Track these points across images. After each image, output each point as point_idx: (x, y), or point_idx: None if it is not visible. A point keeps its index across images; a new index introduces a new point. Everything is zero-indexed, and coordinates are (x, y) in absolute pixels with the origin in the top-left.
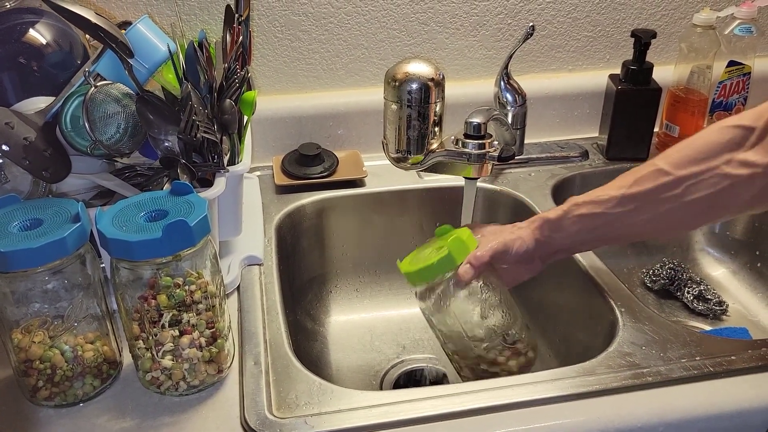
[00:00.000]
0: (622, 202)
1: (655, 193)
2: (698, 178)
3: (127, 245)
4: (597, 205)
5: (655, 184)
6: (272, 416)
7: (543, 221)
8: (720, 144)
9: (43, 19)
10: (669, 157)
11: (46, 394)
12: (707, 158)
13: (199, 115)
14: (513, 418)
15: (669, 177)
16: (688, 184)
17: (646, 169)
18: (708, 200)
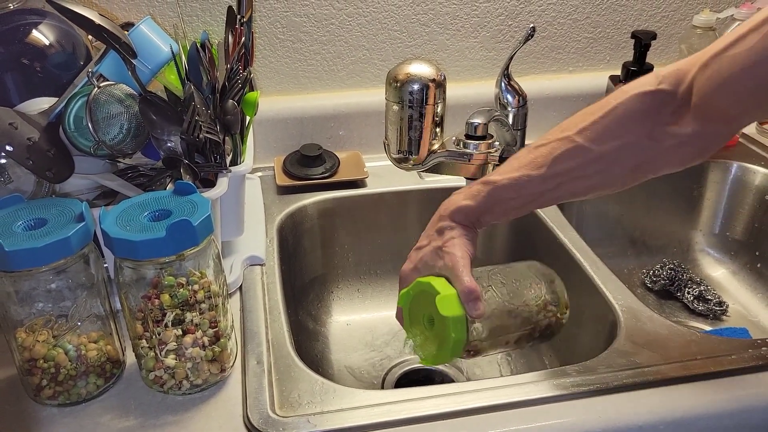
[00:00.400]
0: (545, 181)
1: (579, 170)
2: (622, 151)
3: (130, 245)
4: (520, 188)
5: (577, 163)
6: (275, 415)
7: (468, 213)
8: (641, 113)
9: (46, 20)
10: (587, 131)
11: (50, 393)
12: (629, 130)
13: (201, 115)
14: (514, 416)
15: (591, 154)
16: (612, 158)
17: (564, 145)
18: (635, 167)
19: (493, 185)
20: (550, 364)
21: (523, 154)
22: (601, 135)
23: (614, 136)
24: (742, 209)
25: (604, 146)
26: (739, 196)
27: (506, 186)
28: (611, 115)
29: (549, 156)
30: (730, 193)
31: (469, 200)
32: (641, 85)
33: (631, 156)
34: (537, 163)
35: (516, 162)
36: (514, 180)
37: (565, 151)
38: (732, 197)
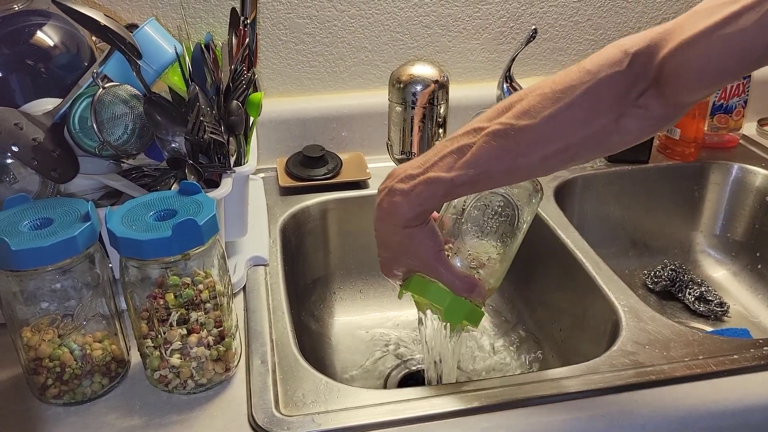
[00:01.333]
0: (505, 177)
1: (542, 165)
2: (589, 141)
3: (136, 244)
4: (478, 185)
5: (542, 156)
6: (280, 414)
7: (439, 189)
8: (610, 99)
9: (51, 21)
10: (555, 120)
11: (55, 392)
12: (597, 118)
13: (206, 116)
14: (518, 415)
15: (558, 144)
16: (580, 148)
17: (528, 137)
18: (597, 151)
19: (445, 184)
20: (553, 363)
21: (482, 142)
22: (571, 125)
23: (583, 124)
24: (742, 210)
25: (573, 138)
26: (740, 198)
27: (461, 185)
28: (579, 101)
29: (511, 151)
30: (730, 195)
31: (414, 207)
32: (609, 64)
33: (597, 144)
34: (497, 156)
35: (474, 153)
36: (469, 178)
37: (528, 142)
38: (732, 198)
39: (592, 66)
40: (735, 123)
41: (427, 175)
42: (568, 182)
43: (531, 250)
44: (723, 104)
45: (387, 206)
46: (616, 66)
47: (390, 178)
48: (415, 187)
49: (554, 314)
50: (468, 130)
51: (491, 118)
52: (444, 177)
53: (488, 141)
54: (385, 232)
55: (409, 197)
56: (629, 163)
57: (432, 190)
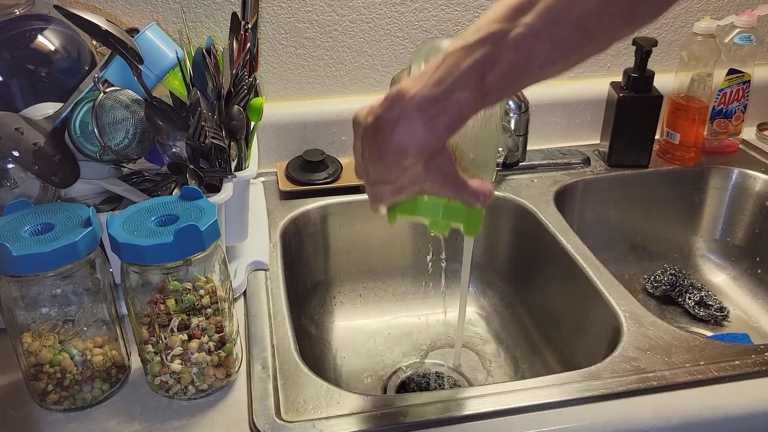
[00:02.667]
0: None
1: (577, 62)
2: (602, 38)
3: (138, 249)
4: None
5: (580, 60)
6: (281, 420)
7: (469, 109)
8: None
9: (52, 26)
10: (590, 25)
11: (56, 398)
12: (612, 19)
13: (207, 121)
14: (518, 422)
15: (584, 48)
16: (592, 47)
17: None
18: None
19: (477, 103)
20: (554, 368)
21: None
22: (591, 22)
23: (602, 19)
24: (742, 215)
25: (594, 39)
26: (740, 202)
27: (493, 101)
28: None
29: (545, 56)
30: (730, 199)
31: (442, 135)
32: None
33: (606, 41)
34: (528, 64)
35: (505, 65)
36: (501, 92)
37: (562, 42)
38: (732, 203)
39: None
40: (735, 128)
41: (454, 96)
42: (568, 187)
43: (531, 254)
44: (722, 109)
45: (406, 139)
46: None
47: (396, 102)
48: (442, 112)
49: (555, 319)
50: (483, 36)
51: (508, 19)
52: (475, 95)
53: (516, 48)
54: (397, 165)
55: (435, 125)
56: (629, 167)
57: (462, 113)
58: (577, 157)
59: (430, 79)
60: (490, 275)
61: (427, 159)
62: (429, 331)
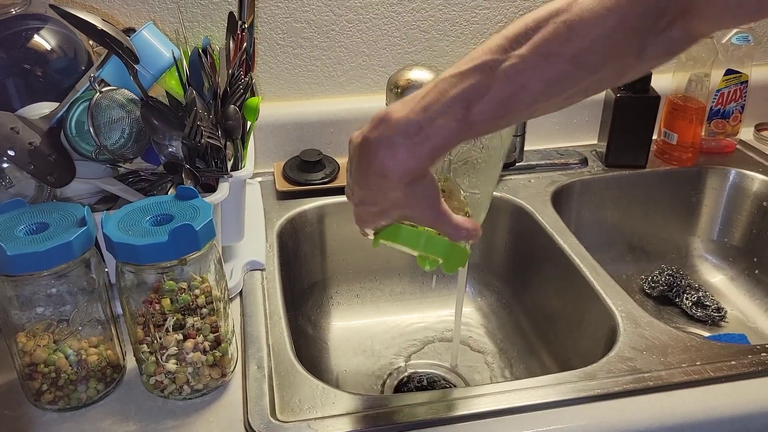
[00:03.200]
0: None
1: (562, 97)
2: (613, 73)
3: (132, 249)
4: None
5: (562, 89)
6: (276, 420)
7: (453, 137)
8: (637, 28)
9: (48, 25)
10: (579, 50)
11: (50, 397)
12: (620, 50)
13: (203, 120)
14: (514, 422)
15: (586, 90)
16: (601, 83)
17: (551, 69)
18: (621, 81)
19: (461, 132)
20: (550, 369)
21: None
22: (590, 58)
23: (607, 60)
24: (740, 215)
25: (596, 74)
26: (737, 203)
27: (478, 131)
28: (600, 30)
29: (535, 89)
30: (728, 200)
31: (423, 161)
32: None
33: (617, 76)
34: (518, 96)
35: (493, 95)
36: (488, 123)
37: (555, 82)
38: (730, 204)
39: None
40: (732, 128)
41: (438, 123)
42: (566, 187)
43: (528, 254)
44: (720, 110)
45: (387, 161)
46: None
47: (381, 124)
48: (425, 138)
49: (551, 319)
50: (475, 65)
51: (502, 50)
52: (459, 124)
53: (506, 80)
54: (379, 188)
55: (417, 151)
56: (627, 168)
57: (445, 140)
58: (574, 158)
59: (418, 104)
60: (487, 275)
61: (409, 183)
62: (426, 332)
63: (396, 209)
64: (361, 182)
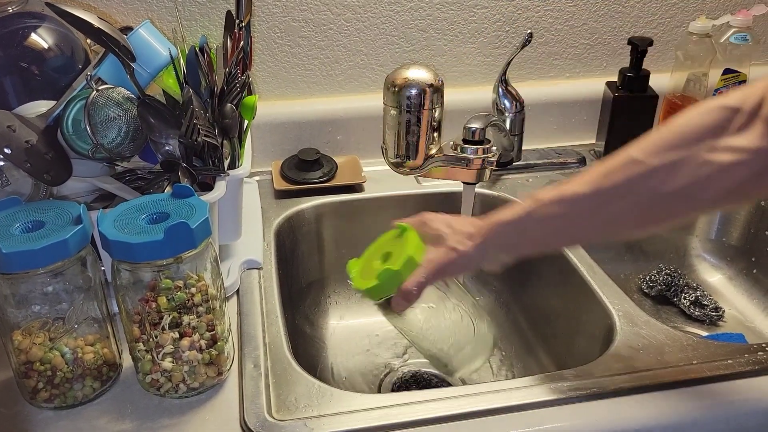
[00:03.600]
0: (592, 198)
1: (627, 186)
2: (675, 167)
3: (128, 247)
4: (564, 204)
5: (626, 176)
6: (272, 418)
7: (498, 226)
8: (702, 127)
9: (45, 24)
10: (644, 144)
11: (46, 395)
12: (687, 144)
13: (200, 119)
14: (511, 420)
15: (642, 167)
16: (663, 175)
17: (618, 159)
18: (686, 192)
19: (537, 199)
20: (547, 368)
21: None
22: (657, 147)
23: (669, 148)
24: (738, 215)
25: (657, 159)
26: None
27: (551, 201)
28: (671, 128)
29: (602, 168)
30: None
31: (507, 214)
32: (708, 101)
33: (684, 173)
34: (587, 177)
35: (570, 183)
36: (560, 192)
37: (618, 164)
38: None
39: (698, 104)
40: None
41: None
42: None
43: None
44: None
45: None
46: (713, 103)
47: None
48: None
49: (549, 318)
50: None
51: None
52: (540, 196)
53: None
54: (469, 225)
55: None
56: None
57: (518, 211)
58: (572, 157)
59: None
60: (485, 275)
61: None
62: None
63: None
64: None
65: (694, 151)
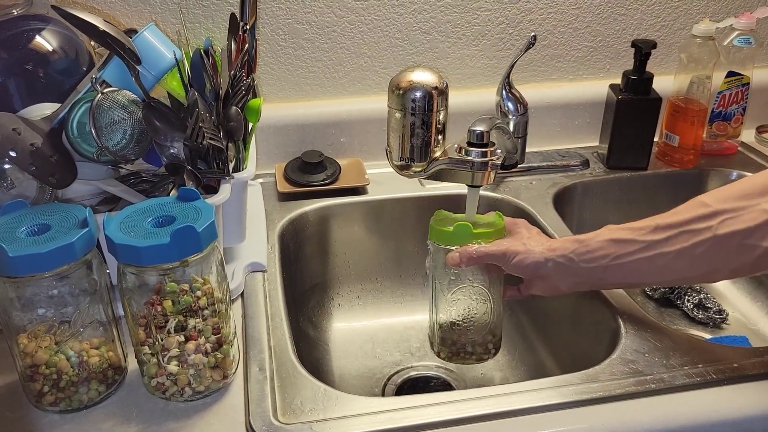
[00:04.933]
0: (656, 230)
1: (689, 223)
2: (737, 213)
3: (135, 250)
4: (630, 231)
5: (691, 215)
6: (277, 422)
7: (571, 240)
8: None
9: (50, 26)
10: (714, 193)
11: (52, 399)
12: (751, 195)
13: (205, 122)
14: (516, 425)
15: (708, 209)
16: (725, 217)
17: (689, 203)
18: (739, 237)
19: (607, 226)
20: (552, 371)
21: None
22: (726, 196)
23: (737, 197)
24: None
25: (723, 204)
26: None
27: (618, 228)
28: (744, 181)
29: (674, 209)
30: None
31: (584, 234)
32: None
33: (741, 221)
34: (658, 215)
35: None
36: (630, 223)
37: (688, 205)
38: None
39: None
40: (734, 130)
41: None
42: (567, 189)
43: None
44: (722, 111)
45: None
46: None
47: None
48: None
49: (553, 321)
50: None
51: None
52: (610, 226)
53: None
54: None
55: (532, 260)
56: (628, 169)
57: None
58: (575, 159)
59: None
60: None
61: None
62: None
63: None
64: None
65: (756, 201)
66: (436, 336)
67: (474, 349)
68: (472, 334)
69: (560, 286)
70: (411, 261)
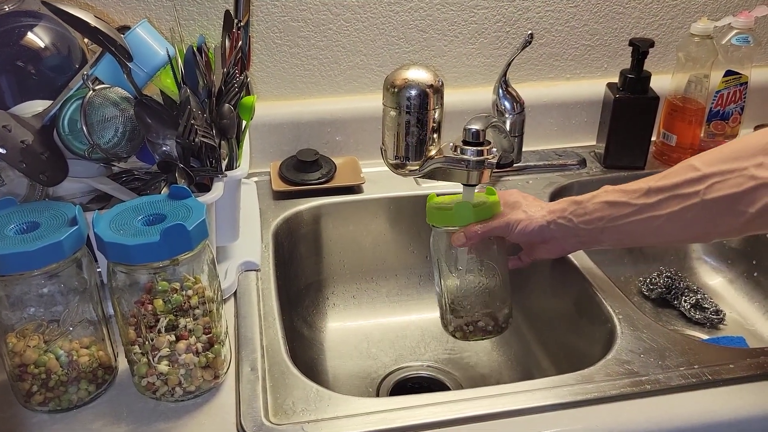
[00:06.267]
0: (648, 193)
1: (679, 187)
2: (724, 177)
3: (124, 249)
4: (623, 193)
5: (681, 178)
6: (269, 422)
7: (569, 201)
8: (756, 146)
9: (42, 23)
10: (704, 156)
11: (41, 399)
12: (739, 158)
13: (197, 119)
14: (511, 425)
15: (697, 172)
16: (713, 182)
17: (679, 165)
18: (727, 202)
19: (603, 188)
20: (547, 371)
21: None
22: (713, 159)
23: (724, 160)
24: None
25: (711, 168)
26: None
27: (613, 189)
28: (730, 145)
29: (664, 172)
30: None
31: (579, 196)
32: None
33: (728, 185)
34: (649, 177)
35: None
36: (623, 185)
37: (678, 168)
38: None
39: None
40: (731, 130)
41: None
42: (564, 188)
43: None
44: (720, 111)
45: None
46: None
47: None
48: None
49: (549, 322)
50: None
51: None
52: (606, 186)
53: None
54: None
55: (536, 226)
56: (625, 169)
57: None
58: (572, 159)
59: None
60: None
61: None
62: (422, 333)
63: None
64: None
65: (743, 164)
66: (449, 318)
67: (488, 323)
68: (485, 308)
69: (566, 247)
70: (407, 260)
